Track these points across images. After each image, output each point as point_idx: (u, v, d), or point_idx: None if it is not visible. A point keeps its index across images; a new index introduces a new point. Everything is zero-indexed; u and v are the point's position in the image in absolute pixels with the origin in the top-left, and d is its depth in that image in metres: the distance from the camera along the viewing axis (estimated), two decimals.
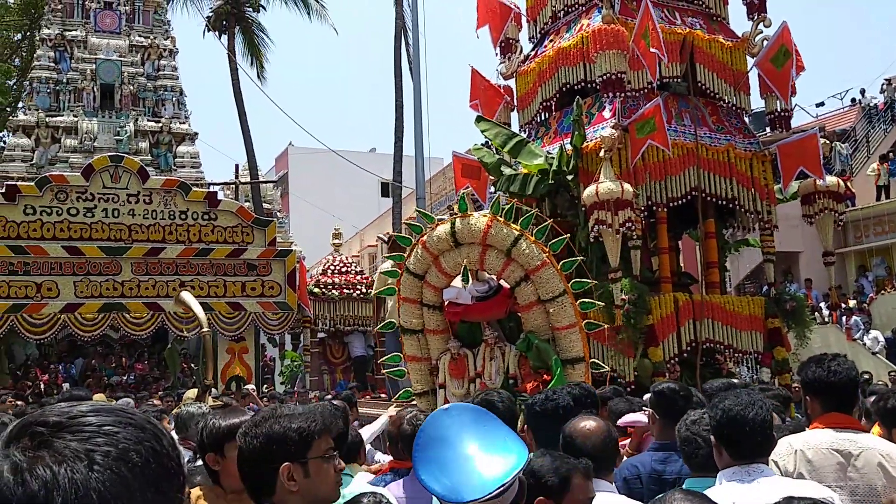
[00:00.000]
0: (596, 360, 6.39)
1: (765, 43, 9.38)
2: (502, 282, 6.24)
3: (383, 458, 7.48)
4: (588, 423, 2.98)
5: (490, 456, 2.03)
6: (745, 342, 8.94)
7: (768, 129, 9.94)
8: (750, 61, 9.51)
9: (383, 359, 7.37)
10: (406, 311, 6.41)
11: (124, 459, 0.93)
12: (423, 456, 2.13)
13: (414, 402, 6.57)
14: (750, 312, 9.07)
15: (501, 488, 1.95)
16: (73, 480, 0.89)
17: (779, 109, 9.42)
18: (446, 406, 2.28)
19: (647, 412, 4.06)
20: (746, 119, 9.79)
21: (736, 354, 9.08)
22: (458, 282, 6.31)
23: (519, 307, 6.18)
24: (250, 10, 28.35)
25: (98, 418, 0.96)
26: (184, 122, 21.97)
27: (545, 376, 5.86)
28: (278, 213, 24.65)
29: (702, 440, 3.01)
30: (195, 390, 9.29)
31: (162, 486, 0.96)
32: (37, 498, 0.88)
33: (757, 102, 9.87)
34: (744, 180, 9.04)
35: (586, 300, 6.23)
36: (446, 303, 6.33)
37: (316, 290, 16.33)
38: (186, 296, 9.24)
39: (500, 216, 6.12)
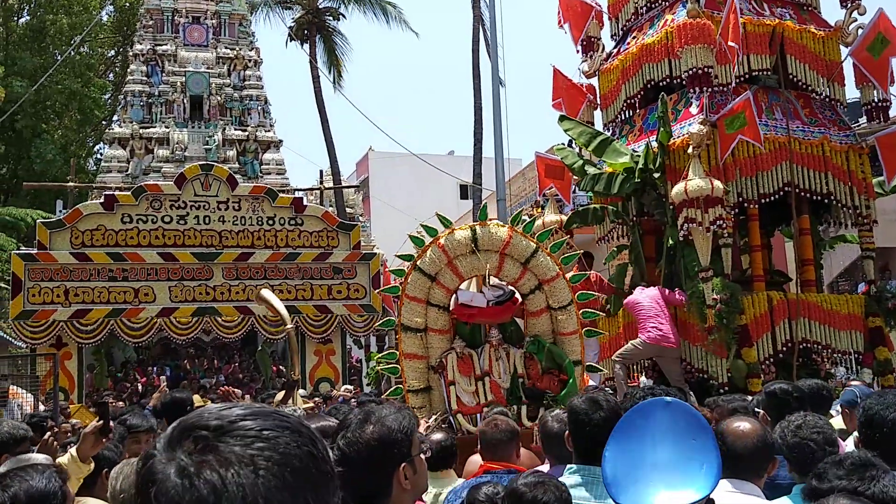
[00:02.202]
0: (592, 364, 6.83)
1: (859, 31, 9.05)
2: (512, 288, 6.53)
3: None
4: (743, 425, 2.93)
5: (666, 475, 1.89)
6: (844, 342, 8.63)
7: (861, 120, 9.56)
8: (844, 51, 9.18)
9: (379, 356, 7.49)
10: (409, 310, 6.49)
11: (286, 464, 0.93)
12: (619, 437, 2.06)
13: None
14: (849, 311, 8.74)
15: None
16: (240, 485, 0.89)
17: (876, 99, 9.06)
18: (669, 399, 2.14)
19: (759, 414, 3.95)
20: (841, 110, 9.45)
21: (834, 355, 8.78)
22: (465, 285, 6.53)
23: (528, 313, 6.54)
24: (331, 18, 28.83)
25: (256, 422, 0.96)
26: (269, 130, 22.50)
27: (562, 376, 6.29)
28: (360, 217, 24.97)
29: (814, 444, 2.93)
30: (283, 393, 9.43)
31: (320, 490, 0.96)
32: (206, 502, 0.88)
33: (851, 93, 9.52)
34: (840, 174, 8.73)
35: (588, 310, 6.86)
36: (454, 304, 6.46)
37: None
38: (266, 293, 9.37)
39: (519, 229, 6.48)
